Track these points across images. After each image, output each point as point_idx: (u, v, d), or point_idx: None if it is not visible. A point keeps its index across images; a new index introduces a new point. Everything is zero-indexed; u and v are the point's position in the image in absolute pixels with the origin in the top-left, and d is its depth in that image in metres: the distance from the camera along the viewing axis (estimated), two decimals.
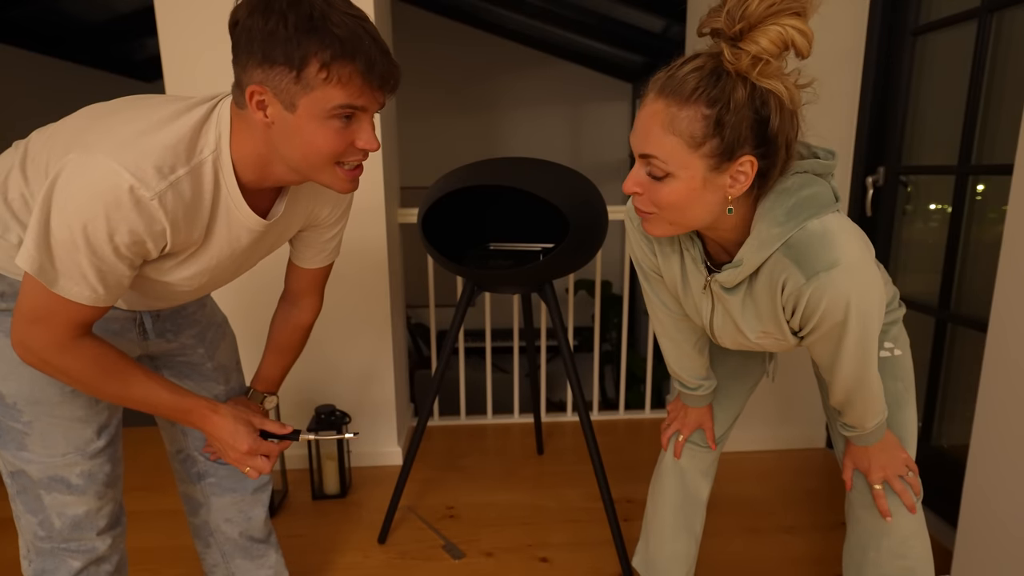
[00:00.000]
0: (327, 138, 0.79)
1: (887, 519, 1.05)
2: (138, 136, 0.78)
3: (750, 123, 0.78)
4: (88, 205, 0.74)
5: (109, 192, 0.75)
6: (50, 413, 0.94)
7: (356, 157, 0.84)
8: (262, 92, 0.77)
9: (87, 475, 0.98)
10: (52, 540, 0.99)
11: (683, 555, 1.30)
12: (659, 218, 0.86)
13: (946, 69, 1.82)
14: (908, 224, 2.00)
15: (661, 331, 1.17)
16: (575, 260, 1.55)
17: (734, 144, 0.78)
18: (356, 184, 0.88)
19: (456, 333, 1.66)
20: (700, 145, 0.78)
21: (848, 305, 0.83)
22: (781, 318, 0.92)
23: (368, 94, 0.78)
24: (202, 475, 1.20)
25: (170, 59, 1.83)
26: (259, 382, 1.22)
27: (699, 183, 0.81)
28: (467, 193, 1.67)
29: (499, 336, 3.36)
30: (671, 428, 1.28)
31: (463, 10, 5.08)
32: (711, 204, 0.84)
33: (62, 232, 0.75)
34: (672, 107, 0.78)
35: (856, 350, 0.90)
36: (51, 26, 4.00)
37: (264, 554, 1.29)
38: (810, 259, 0.83)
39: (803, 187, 0.86)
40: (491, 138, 5.61)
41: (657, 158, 0.80)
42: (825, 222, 0.85)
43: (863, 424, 1.03)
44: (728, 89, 0.77)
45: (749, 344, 1.03)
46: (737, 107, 0.77)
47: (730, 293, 0.95)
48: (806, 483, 2.06)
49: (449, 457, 2.28)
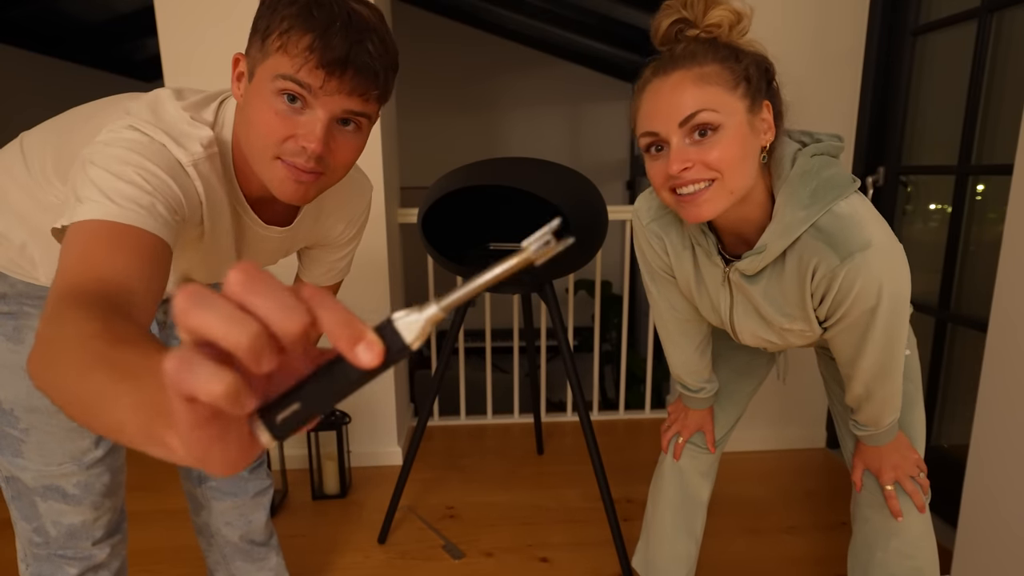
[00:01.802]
0: (264, 116, 0.70)
1: (899, 519, 1.05)
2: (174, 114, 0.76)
3: (760, 70, 0.83)
4: (131, 147, 0.70)
5: (149, 144, 0.71)
6: (47, 421, 0.92)
7: (294, 152, 0.72)
8: (241, 60, 0.74)
9: (83, 485, 0.95)
10: (48, 547, 0.97)
11: (683, 556, 1.29)
12: (719, 186, 0.82)
13: (946, 69, 1.82)
14: (908, 224, 2.00)
15: (665, 334, 1.17)
16: (575, 260, 1.55)
17: (758, 87, 0.83)
18: (302, 189, 0.75)
19: (456, 333, 1.66)
20: (735, 88, 0.81)
21: (881, 288, 0.83)
22: (808, 306, 0.91)
23: (314, 72, 0.68)
24: (202, 478, 1.20)
25: (170, 59, 1.83)
26: None
27: (747, 127, 0.82)
28: (467, 193, 1.67)
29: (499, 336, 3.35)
30: (671, 430, 1.28)
31: (463, 10, 5.08)
32: (756, 154, 0.85)
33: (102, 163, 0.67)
34: (695, 68, 0.81)
35: (882, 338, 0.89)
36: (51, 26, 3.99)
37: (265, 557, 1.29)
38: (844, 240, 0.83)
39: (823, 168, 0.86)
40: (491, 138, 5.61)
41: (704, 109, 0.79)
42: (853, 204, 0.85)
43: (879, 422, 1.02)
44: (726, 44, 0.83)
45: (773, 337, 1.01)
46: (745, 56, 0.82)
47: (751, 282, 0.94)
48: (807, 483, 2.06)
49: (449, 457, 2.28)
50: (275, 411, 0.29)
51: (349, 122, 0.74)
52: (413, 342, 0.28)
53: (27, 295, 0.92)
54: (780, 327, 0.97)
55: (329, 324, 0.28)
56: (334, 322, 0.27)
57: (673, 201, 0.86)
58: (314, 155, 0.72)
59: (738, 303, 0.99)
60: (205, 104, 0.80)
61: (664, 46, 0.86)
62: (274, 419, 0.29)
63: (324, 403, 0.29)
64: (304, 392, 0.29)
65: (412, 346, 0.29)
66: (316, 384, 0.29)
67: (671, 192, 0.85)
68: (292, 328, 0.27)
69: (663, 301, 1.12)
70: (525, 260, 0.29)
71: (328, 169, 0.75)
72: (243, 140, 0.76)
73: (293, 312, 0.27)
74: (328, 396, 0.29)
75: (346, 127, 0.74)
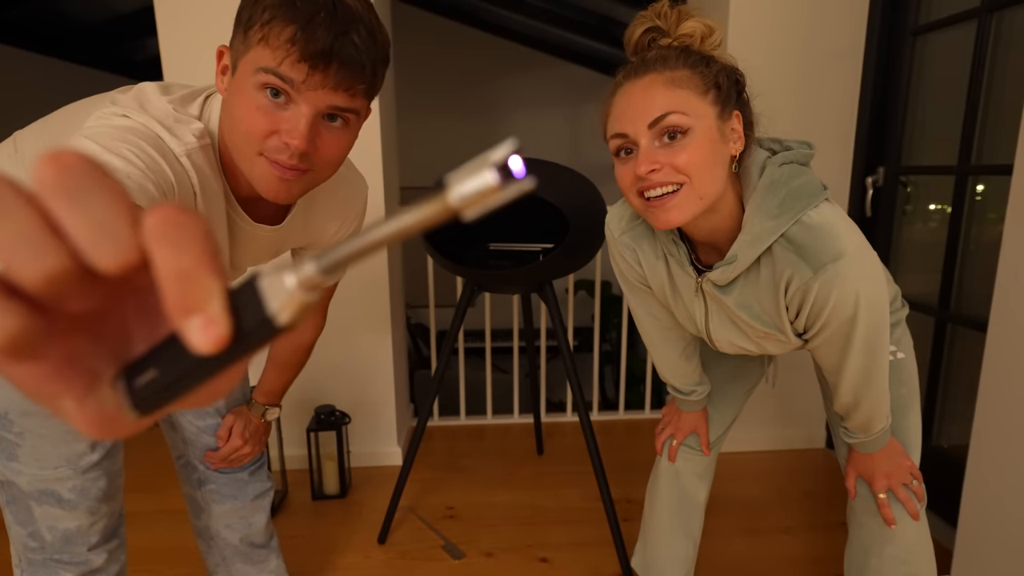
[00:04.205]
0: (246, 111, 0.68)
1: (892, 527, 1.04)
2: (162, 107, 0.75)
3: (731, 79, 0.84)
4: (125, 128, 0.68)
5: (141, 129, 0.69)
6: (42, 425, 0.90)
7: (277, 148, 0.70)
8: (225, 53, 0.73)
9: (79, 490, 0.94)
10: (44, 552, 0.96)
11: (681, 557, 1.29)
12: (688, 191, 0.81)
13: (946, 69, 1.82)
14: (908, 224, 2.00)
15: (648, 341, 1.17)
16: (575, 260, 1.55)
17: (728, 95, 0.83)
18: (285, 187, 0.73)
19: (456, 333, 1.66)
20: (706, 93, 0.81)
21: (858, 298, 0.83)
22: (784, 317, 0.91)
23: (296, 66, 0.66)
24: (202, 482, 1.19)
25: (170, 59, 1.83)
26: (260, 394, 1.20)
27: (716, 132, 0.82)
28: None
29: (499, 336, 3.36)
30: (665, 432, 1.27)
31: (463, 11, 5.08)
32: (725, 162, 0.84)
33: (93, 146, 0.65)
34: (666, 72, 0.82)
35: (864, 346, 0.88)
36: (51, 26, 4.00)
37: (265, 559, 1.28)
38: (816, 252, 0.82)
39: (792, 178, 0.86)
40: (491, 138, 5.60)
41: (674, 112, 0.79)
42: (822, 213, 0.84)
43: (868, 428, 1.01)
44: (699, 51, 0.84)
45: (749, 346, 1.01)
46: (715, 64, 0.83)
47: (724, 292, 0.94)
48: (805, 483, 2.06)
49: (449, 457, 2.28)
50: (134, 374, 0.21)
51: (336, 118, 0.72)
52: (279, 312, 0.19)
53: None
54: (756, 336, 0.97)
55: (161, 272, 0.18)
56: (167, 271, 0.18)
57: (642, 206, 0.84)
58: (297, 152, 0.69)
59: (713, 312, 0.99)
60: (191, 99, 0.78)
61: (636, 55, 0.87)
62: (132, 384, 0.21)
63: (184, 378, 0.20)
64: (162, 356, 0.20)
65: (277, 319, 0.19)
66: (175, 348, 0.20)
67: (639, 196, 0.84)
68: (105, 263, 0.18)
69: (641, 310, 1.12)
70: (446, 210, 0.18)
71: (314, 166, 0.73)
72: (227, 136, 0.74)
73: (114, 241, 0.18)
74: (188, 369, 0.20)
75: (332, 123, 0.72)
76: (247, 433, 1.15)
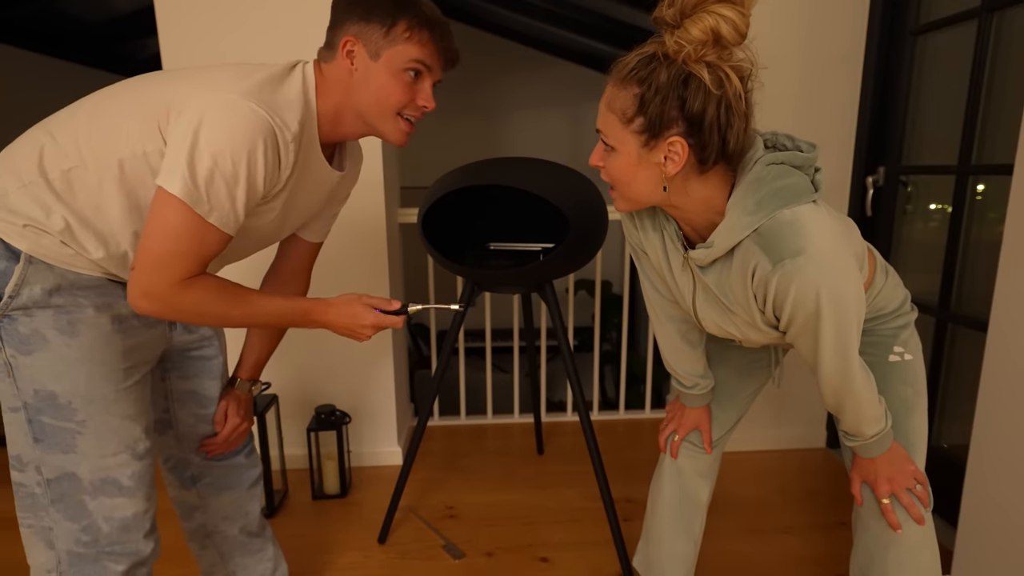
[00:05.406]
0: (396, 87, 0.96)
1: (897, 531, 1.03)
2: (259, 88, 0.88)
3: (677, 105, 0.81)
4: (246, 139, 0.85)
5: (261, 130, 0.86)
6: (105, 410, 0.94)
7: (415, 112, 1.00)
8: (354, 43, 0.95)
9: (137, 476, 0.98)
10: (97, 545, 0.96)
11: (682, 556, 1.30)
12: (618, 193, 0.93)
13: (946, 69, 1.82)
14: (908, 224, 2.00)
15: (653, 316, 1.18)
16: (575, 260, 1.55)
17: (659, 123, 0.82)
18: (407, 139, 1.02)
19: (456, 333, 1.66)
20: (630, 121, 0.84)
21: (819, 295, 0.83)
22: (753, 306, 0.93)
23: (436, 59, 0.98)
24: (196, 478, 1.20)
25: (170, 59, 1.83)
26: (244, 370, 1.23)
27: (635, 158, 0.86)
28: (467, 193, 1.67)
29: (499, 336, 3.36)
30: (668, 428, 1.28)
31: (464, 11, 5.08)
32: (650, 181, 0.88)
33: (224, 164, 0.84)
34: (614, 87, 0.86)
35: (835, 345, 0.89)
36: (51, 26, 4.00)
37: (262, 548, 1.30)
38: (777, 247, 0.84)
39: (777, 178, 0.87)
40: (491, 138, 5.61)
41: (602, 132, 0.89)
42: (797, 212, 0.85)
43: (860, 432, 1.01)
44: (655, 71, 0.81)
45: (732, 329, 1.02)
46: (659, 88, 0.81)
47: (704, 272, 0.97)
48: (806, 483, 2.06)
49: (449, 457, 2.28)
50: None
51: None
52: None
53: (78, 285, 0.91)
54: (737, 320, 0.98)
55: None
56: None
57: None
58: (426, 111, 1.01)
59: (700, 290, 1.01)
60: (283, 77, 0.95)
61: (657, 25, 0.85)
62: None
63: None
64: None
65: None
66: None
67: None
68: None
69: (644, 277, 1.15)
70: None
71: None
72: (358, 100, 0.98)
73: None
74: None
75: None
76: (241, 411, 1.21)
